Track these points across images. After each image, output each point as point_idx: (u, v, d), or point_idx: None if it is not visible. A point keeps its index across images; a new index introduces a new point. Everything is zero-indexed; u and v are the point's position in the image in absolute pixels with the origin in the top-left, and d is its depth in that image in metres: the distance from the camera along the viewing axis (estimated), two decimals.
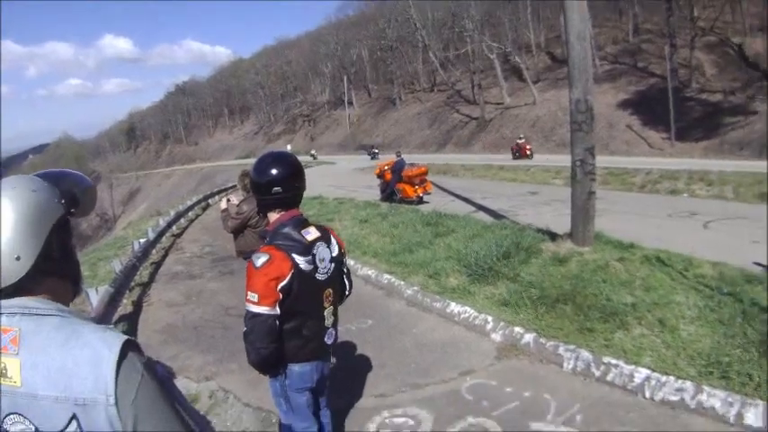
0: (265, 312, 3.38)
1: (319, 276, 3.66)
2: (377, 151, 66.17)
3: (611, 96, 52.80)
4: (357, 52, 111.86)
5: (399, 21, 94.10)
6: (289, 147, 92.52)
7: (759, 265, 9.86)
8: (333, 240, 3.88)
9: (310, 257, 3.60)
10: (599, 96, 38.67)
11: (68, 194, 1.86)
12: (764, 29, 46.99)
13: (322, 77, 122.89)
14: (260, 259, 3.44)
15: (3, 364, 1.61)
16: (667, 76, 45.19)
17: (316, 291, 3.67)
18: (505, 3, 78.15)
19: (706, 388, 5.77)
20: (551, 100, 59.69)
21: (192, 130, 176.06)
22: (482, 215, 17.09)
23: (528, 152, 47.73)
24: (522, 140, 49.26)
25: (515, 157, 47.40)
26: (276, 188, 3.64)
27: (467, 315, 8.92)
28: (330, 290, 3.78)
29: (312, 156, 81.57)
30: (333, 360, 4.12)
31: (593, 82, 11.90)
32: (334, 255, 3.83)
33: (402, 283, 11.01)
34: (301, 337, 3.64)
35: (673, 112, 42.02)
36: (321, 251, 3.70)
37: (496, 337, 8.11)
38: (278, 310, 3.43)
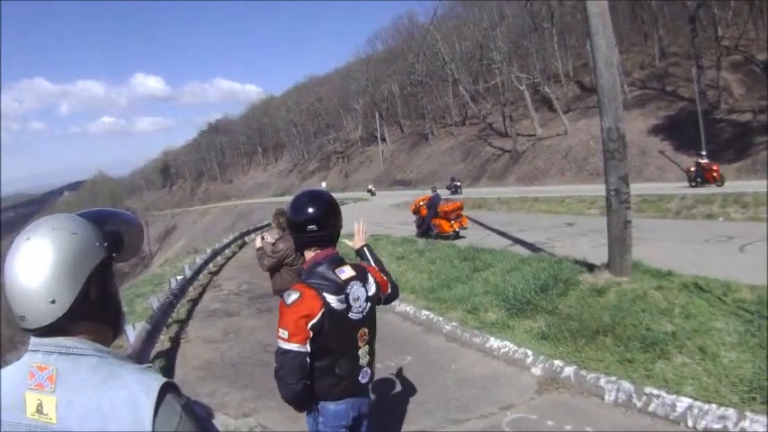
0: (295, 349, 3.37)
1: (353, 316, 3.62)
2: (459, 184, 58.94)
3: (642, 122, 52.38)
4: (387, 88, 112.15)
5: (428, 55, 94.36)
6: (324, 184, 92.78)
7: None
8: (370, 279, 3.84)
9: (343, 296, 3.57)
10: (629, 123, 38.30)
11: (112, 236, 1.84)
12: None
13: (354, 114, 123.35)
14: (291, 297, 3.44)
15: (39, 401, 1.62)
16: (696, 98, 44.88)
17: (349, 330, 3.64)
18: (531, 32, 78.24)
19: (749, 414, 5.72)
20: (582, 129, 59.40)
21: (227, 167, 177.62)
22: (519, 248, 17.06)
23: (717, 176, 34.38)
24: (706, 160, 35.82)
25: (696, 184, 34.68)
26: (311, 226, 3.64)
27: (506, 349, 8.89)
28: (365, 329, 3.74)
29: (370, 191, 79.33)
30: (372, 397, 4.09)
31: (623, 109, 11.85)
32: (371, 294, 3.79)
33: (441, 318, 11.00)
34: (334, 376, 3.60)
35: (704, 135, 41.65)
36: (355, 290, 3.67)
37: (536, 370, 8.08)
38: (308, 348, 3.41)
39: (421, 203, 24.62)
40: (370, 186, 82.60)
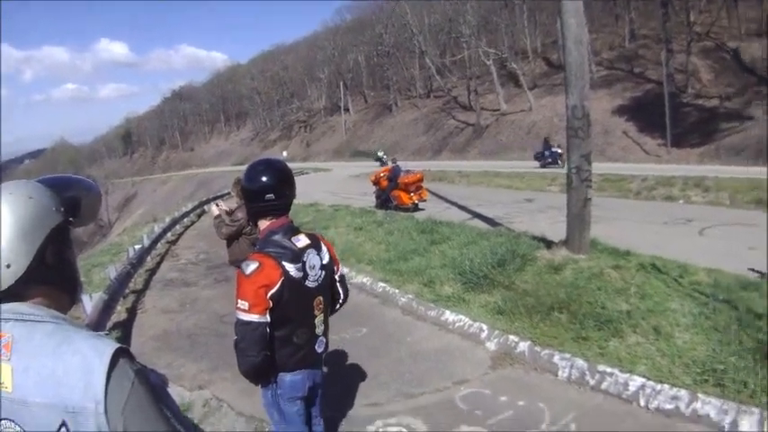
0: (256, 320, 3.37)
1: (309, 284, 3.66)
2: (559, 151, 39.77)
3: (607, 102, 52.67)
4: (354, 58, 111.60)
5: (396, 26, 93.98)
6: (285, 153, 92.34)
7: (755, 271, 9.90)
8: (323, 248, 3.87)
9: (300, 265, 3.60)
10: (595, 102, 38.23)
11: (71, 202, 1.87)
12: (761, 33, 47.11)
13: (318, 83, 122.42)
14: (250, 267, 3.44)
15: None
16: (663, 81, 45.20)
17: (306, 298, 3.67)
18: (502, 8, 78.19)
19: (701, 396, 5.80)
20: (547, 106, 59.59)
21: (189, 135, 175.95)
22: (477, 222, 17.13)
23: None
24: None
25: None
26: (269, 195, 3.64)
27: (461, 323, 8.92)
28: (320, 297, 3.77)
29: (380, 160, 60.57)
30: (324, 369, 4.10)
31: (590, 88, 11.88)
32: (325, 262, 3.83)
33: (397, 291, 11.01)
34: (292, 345, 3.63)
35: (669, 118, 42.03)
36: (311, 258, 3.70)
37: (491, 345, 8.12)
38: (268, 318, 3.42)
39: (381, 175, 24.62)
40: (380, 153, 65.15)
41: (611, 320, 7.61)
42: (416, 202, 22.62)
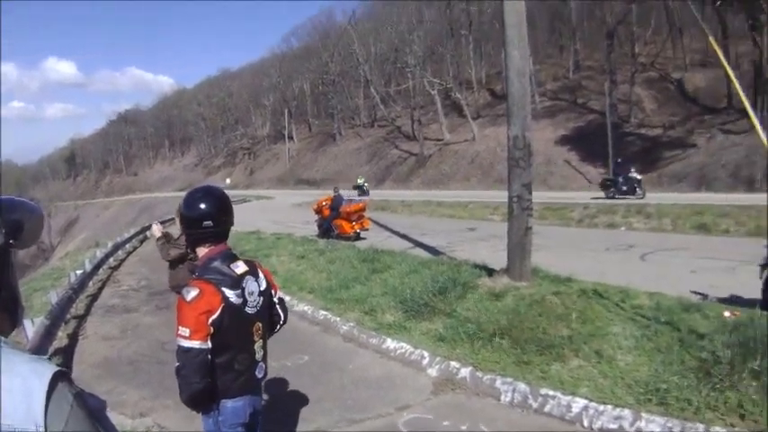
0: (197, 347, 3.38)
1: (249, 310, 3.68)
2: (639, 177, 34.64)
3: (550, 132, 53.33)
4: (299, 86, 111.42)
5: (342, 55, 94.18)
6: (228, 180, 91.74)
7: (698, 293, 10.17)
8: (260, 274, 3.91)
9: (240, 291, 3.62)
10: (538, 132, 38.87)
11: (14, 224, 1.84)
12: (705, 64, 48.28)
13: (263, 110, 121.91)
14: (190, 293, 3.45)
15: None
16: (606, 111, 45.92)
17: (245, 324, 3.69)
18: (448, 38, 78.73)
19: (644, 415, 5.93)
20: (490, 136, 59.98)
21: (133, 159, 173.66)
22: (419, 251, 17.25)
23: None
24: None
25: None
26: (207, 222, 3.68)
27: (403, 350, 9.00)
28: (259, 323, 3.80)
29: (361, 188, 53.57)
30: (265, 397, 4.14)
31: (532, 118, 12.09)
32: (263, 288, 3.86)
33: (338, 319, 11.06)
34: (233, 371, 3.64)
35: (611, 147, 42.65)
36: (250, 285, 3.73)
37: (433, 371, 8.19)
38: (209, 344, 3.43)
39: (323, 204, 24.66)
40: (360, 180, 56.86)
41: (552, 345, 7.74)
42: (358, 231, 22.81)
